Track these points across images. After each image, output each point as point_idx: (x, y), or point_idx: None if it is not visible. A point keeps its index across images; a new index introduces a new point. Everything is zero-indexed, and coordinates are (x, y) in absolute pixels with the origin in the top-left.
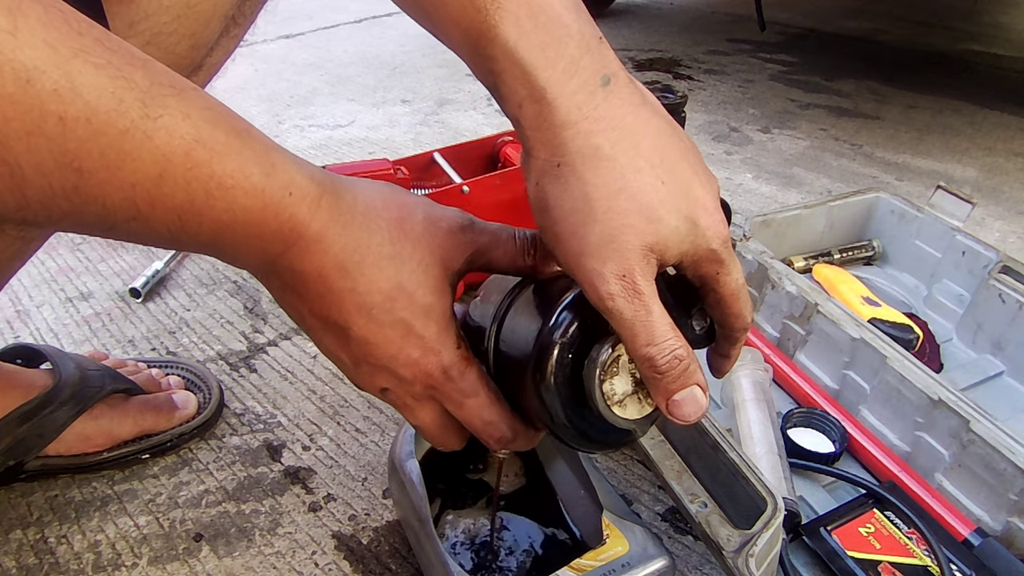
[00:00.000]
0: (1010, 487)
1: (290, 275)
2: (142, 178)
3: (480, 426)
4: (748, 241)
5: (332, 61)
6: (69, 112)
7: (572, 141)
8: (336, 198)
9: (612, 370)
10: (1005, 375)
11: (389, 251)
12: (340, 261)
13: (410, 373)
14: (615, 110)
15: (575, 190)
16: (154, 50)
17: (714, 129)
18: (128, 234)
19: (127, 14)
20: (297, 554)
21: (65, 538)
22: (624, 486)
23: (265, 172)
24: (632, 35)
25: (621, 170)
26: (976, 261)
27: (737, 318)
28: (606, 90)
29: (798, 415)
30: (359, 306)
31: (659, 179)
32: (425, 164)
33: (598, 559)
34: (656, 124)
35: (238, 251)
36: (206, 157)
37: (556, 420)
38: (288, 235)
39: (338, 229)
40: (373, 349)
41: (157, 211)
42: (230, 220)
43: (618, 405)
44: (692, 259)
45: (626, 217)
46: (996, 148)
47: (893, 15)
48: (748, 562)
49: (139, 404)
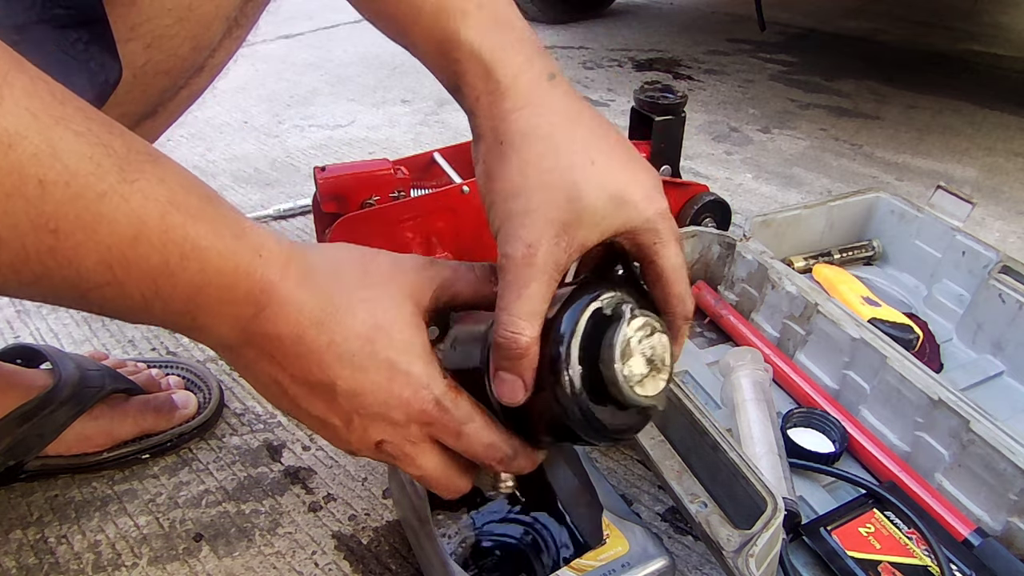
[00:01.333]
0: (1010, 487)
1: (265, 341)
2: (118, 240)
3: (482, 450)
4: (748, 241)
5: (332, 61)
6: (48, 175)
7: (516, 123)
8: (303, 258)
9: (627, 353)
10: (1005, 375)
11: (360, 295)
12: (315, 317)
13: (404, 415)
14: (557, 101)
15: (513, 163)
16: (156, 52)
17: (714, 129)
18: (100, 301)
19: (128, 17)
20: (297, 554)
21: (65, 538)
22: (624, 486)
23: (236, 235)
24: (632, 35)
25: (556, 149)
26: (976, 261)
27: (679, 301)
28: (551, 83)
29: (798, 415)
30: (340, 356)
31: (590, 159)
32: (425, 164)
33: (598, 559)
34: (592, 117)
35: (211, 317)
36: (180, 220)
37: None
38: (259, 296)
39: (309, 286)
40: (363, 399)
41: (132, 274)
42: (203, 283)
43: (639, 385)
44: (628, 232)
45: (551, 192)
46: (996, 148)
47: (893, 15)
48: (748, 562)
49: (139, 404)
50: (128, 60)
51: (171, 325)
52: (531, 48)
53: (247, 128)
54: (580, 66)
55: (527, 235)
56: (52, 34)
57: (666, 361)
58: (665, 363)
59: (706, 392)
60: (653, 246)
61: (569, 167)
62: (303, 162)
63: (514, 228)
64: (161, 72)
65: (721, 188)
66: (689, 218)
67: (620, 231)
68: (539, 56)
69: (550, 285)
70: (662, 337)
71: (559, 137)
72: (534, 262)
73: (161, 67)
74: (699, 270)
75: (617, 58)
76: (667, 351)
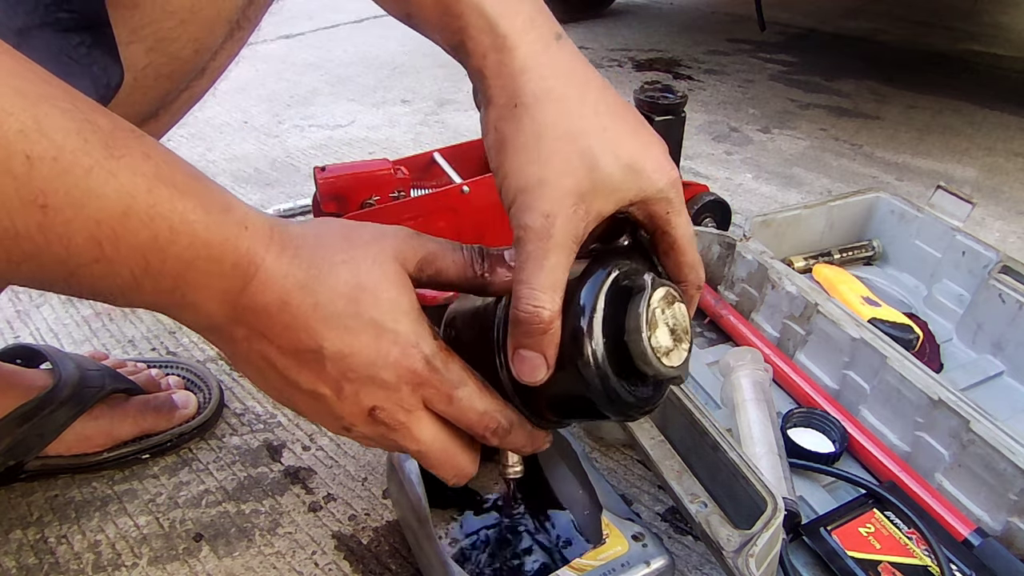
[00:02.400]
0: (1010, 487)
1: (253, 315)
2: (107, 215)
3: (475, 418)
4: (748, 241)
5: (332, 61)
6: (35, 151)
7: (528, 84)
8: (285, 229)
9: (653, 324)
10: (1005, 375)
11: (340, 258)
12: (299, 280)
13: (394, 375)
14: (567, 61)
15: (527, 128)
16: (158, 55)
17: (714, 129)
18: (90, 280)
19: (131, 20)
20: (297, 554)
21: (65, 538)
22: (624, 486)
23: (222, 209)
24: (632, 35)
25: (569, 113)
26: (976, 261)
27: (691, 269)
28: (559, 43)
29: (798, 415)
30: (325, 319)
31: (603, 126)
32: (425, 164)
33: (598, 559)
34: (599, 81)
35: (199, 293)
36: (168, 194)
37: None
38: (247, 268)
39: (291, 253)
40: (351, 360)
41: (121, 251)
42: (192, 256)
43: (665, 356)
44: (640, 201)
45: (568, 162)
46: (996, 148)
47: (893, 15)
48: (748, 562)
49: (139, 404)
50: (129, 63)
51: (160, 304)
52: (533, 5)
53: (247, 128)
54: None
55: (544, 205)
56: (55, 38)
57: (688, 330)
58: (687, 332)
59: (706, 392)
60: (666, 215)
61: (583, 132)
62: (303, 162)
63: (531, 198)
64: (163, 75)
65: (721, 188)
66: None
67: (634, 200)
68: (542, 14)
69: (569, 257)
70: (681, 306)
71: (572, 101)
72: (553, 233)
73: (163, 70)
74: None
75: (617, 58)
76: (687, 319)
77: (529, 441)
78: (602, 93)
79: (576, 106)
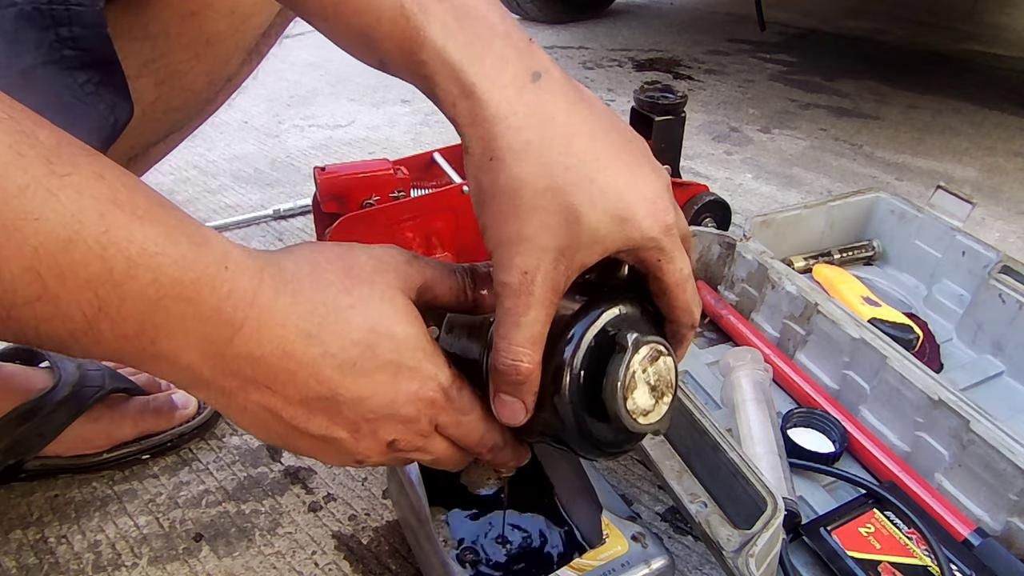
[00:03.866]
0: (1010, 487)
1: (247, 365)
2: (46, 241)
3: (476, 440)
4: (748, 241)
5: (332, 61)
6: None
7: (503, 136)
8: (278, 268)
9: (632, 386)
10: (1005, 375)
11: (348, 301)
12: (302, 329)
13: (414, 409)
14: (547, 105)
15: (503, 184)
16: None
17: (714, 129)
18: (33, 323)
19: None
20: (297, 554)
21: (65, 538)
22: (624, 486)
23: (195, 243)
24: (632, 35)
25: (550, 166)
26: (976, 261)
27: (684, 312)
28: (537, 85)
29: (798, 415)
30: (339, 366)
31: (589, 176)
32: (425, 164)
33: (598, 559)
34: (592, 121)
35: (173, 341)
36: (124, 220)
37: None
38: (232, 315)
39: (288, 296)
40: (369, 403)
41: (68, 285)
42: (157, 295)
43: (642, 416)
44: (629, 250)
45: (546, 216)
46: (996, 148)
47: (893, 15)
48: (748, 562)
49: (139, 405)
50: (137, 96)
51: (127, 355)
52: (505, 42)
53: (247, 128)
54: (580, 66)
55: (522, 263)
56: (60, 76)
57: (671, 383)
58: (670, 385)
59: (706, 392)
60: (657, 262)
61: (565, 188)
62: (303, 162)
63: (510, 254)
64: (172, 108)
65: (721, 188)
66: (689, 218)
67: (622, 249)
68: (516, 52)
69: (549, 310)
70: (668, 360)
71: (554, 152)
72: (532, 290)
73: (173, 103)
74: (699, 270)
75: (617, 58)
76: (672, 372)
77: (514, 456)
78: (592, 135)
79: (559, 156)
